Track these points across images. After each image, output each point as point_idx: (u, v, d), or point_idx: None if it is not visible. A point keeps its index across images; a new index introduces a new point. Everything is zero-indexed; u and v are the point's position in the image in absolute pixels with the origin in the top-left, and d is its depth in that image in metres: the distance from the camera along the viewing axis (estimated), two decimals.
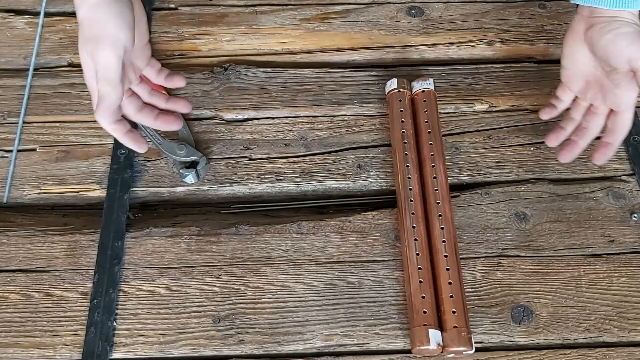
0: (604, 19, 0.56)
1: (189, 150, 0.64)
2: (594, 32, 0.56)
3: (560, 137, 0.63)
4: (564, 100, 0.63)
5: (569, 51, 0.60)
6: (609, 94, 0.58)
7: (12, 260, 0.60)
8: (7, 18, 0.76)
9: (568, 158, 0.62)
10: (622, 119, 0.58)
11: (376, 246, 0.60)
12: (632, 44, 0.54)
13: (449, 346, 0.53)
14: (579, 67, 0.59)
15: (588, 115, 0.61)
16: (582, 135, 0.61)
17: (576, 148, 0.61)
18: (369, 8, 0.76)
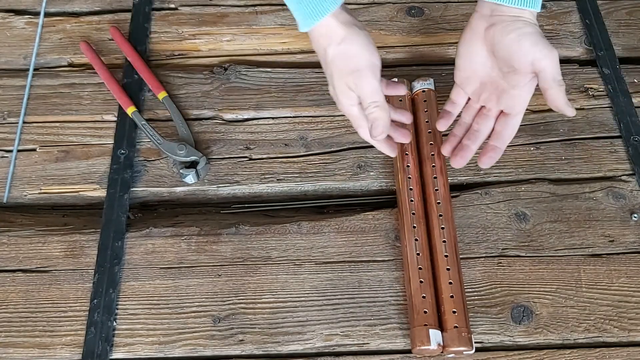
0: (505, 17, 0.54)
1: (189, 150, 0.64)
2: (496, 31, 0.54)
3: (453, 143, 0.61)
4: (458, 104, 0.61)
5: (465, 50, 0.57)
6: (504, 95, 0.56)
7: (12, 260, 0.60)
8: (7, 18, 0.76)
9: (462, 162, 0.60)
10: (512, 122, 0.57)
11: (376, 246, 0.60)
12: (535, 45, 0.52)
13: (449, 346, 0.53)
14: (474, 68, 0.57)
15: (479, 117, 0.59)
16: (473, 138, 0.59)
17: (468, 152, 0.59)
18: (369, 8, 0.76)
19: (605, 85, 0.71)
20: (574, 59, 0.74)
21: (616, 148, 0.66)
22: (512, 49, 0.53)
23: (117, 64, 0.72)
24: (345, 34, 0.53)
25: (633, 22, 0.77)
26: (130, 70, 0.70)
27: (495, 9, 0.54)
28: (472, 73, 0.58)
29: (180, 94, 0.70)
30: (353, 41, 0.53)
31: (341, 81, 0.55)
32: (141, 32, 0.74)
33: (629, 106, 0.69)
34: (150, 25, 0.75)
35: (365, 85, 0.54)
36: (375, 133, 0.55)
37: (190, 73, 0.71)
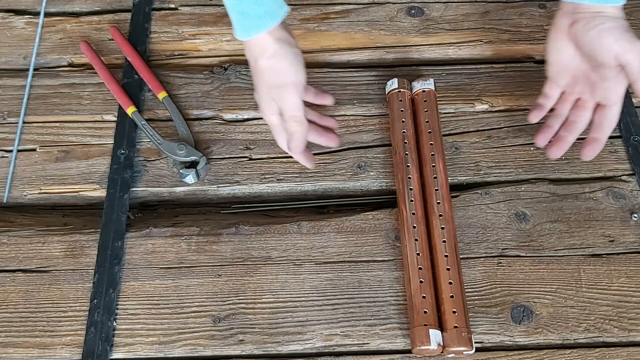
0: (587, 14, 0.55)
1: (189, 150, 0.64)
2: (578, 29, 0.56)
3: (549, 135, 0.63)
4: (552, 97, 0.63)
5: (554, 47, 0.59)
6: (598, 88, 0.58)
7: (12, 260, 0.60)
8: (7, 18, 0.76)
9: (558, 153, 0.62)
10: (610, 113, 0.58)
11: (376, 246, 0.60)
12: (618, 40, 0.54)
13: (449, 346, 0.53)
14: (565, 63, 0.59)
15: (575, 109, 0.61)
16: (571, 129, 0.61)
17: (565, 143, 0.61)
18: (369, 8, 0.76)
19: None
20: None
21: (616, 148, 0.66)
22: (594, 46, 0.55)
23: (117, 64, 0.72)
24: (276, 49, 0.55)
25: (633, 22, 0.77)
26: (130, 70, 0.70)
27: (577, 6, 0.56)
28: (563, 68, 0.60)
29: (180, 94, 0.70)
30: (282, 58, 0.56)
31: (266, 91, 0.58)
32: (141, 32, 0.74)
33: (629, 106, 0.69)
34: (150, 25, 0.75)
35: (287, 100, 0.57)
36: (292, 146, 0.59)
37: (190, 73, 0.71)
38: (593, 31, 0.55)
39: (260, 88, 0.59)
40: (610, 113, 0.58)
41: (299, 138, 0.59)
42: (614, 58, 0.54)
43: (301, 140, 0.59)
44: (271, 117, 0.59)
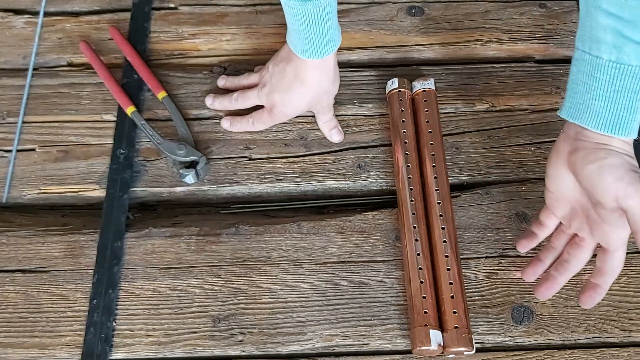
0: (589, 144, 0.48)
1: (189, 150, 0.64)
2: (577, 159, 0.48)
3: (539, 271, 0.56)
4: (547, 227, 0.56)
5: (553, 173, 0.52)
6: (597, 228, 0.50)
7: (12, 261, 0.60)
8: (7, 18, 0.76)
9: (546, 295, 0.54)
10: (614, 259, 0.50)
11: (376, 246, 0.60)
12: (619, 180, 0.45)
13: (449, 347, 0.53)
14: (563, 191, 0.52)
15: (571, 247, 0.53)
16: (562, 270, 0.54)
17: (555, 284, 0.54)
18: (369, 8, 0.76)
19: None
20: None
21: None
22: (593, 182, 0.47)
23: (116, 64, 0.72)
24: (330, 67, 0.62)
25: None
26: (130, 70, 0.70)
27: (580, 133, 0.48)
28: (561, 196, 0.52)
29: (179, 93, 0.69)
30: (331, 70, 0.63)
31: (302, 97, 0.63)
32: (141, 32, 0.74)
33: None
34: (150, 25, 0.75)
35: (323, 103, 0.65)
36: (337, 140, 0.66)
37: (190, 73, 0.71)
38: (592, 165, 0.47)
39: (298, 91, 0.63)
40: (614, 259, 0.50)
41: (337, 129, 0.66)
42: (614, 200, 0.46)
43: (339, 130, 0.66)
44: (287, 118, 0.66)
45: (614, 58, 0.45)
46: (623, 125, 0.46)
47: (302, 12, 0.54)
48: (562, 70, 0.71)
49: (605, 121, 0.46)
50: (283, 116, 0.66)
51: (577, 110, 0.48)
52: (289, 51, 0.61)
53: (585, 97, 0.47)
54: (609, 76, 0.46)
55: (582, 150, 0.48)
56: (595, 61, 0.46)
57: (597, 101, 0.47)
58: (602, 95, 0.46)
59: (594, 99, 0.47)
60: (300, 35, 0.57)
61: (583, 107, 0.48)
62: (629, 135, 0.47)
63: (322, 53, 0.59)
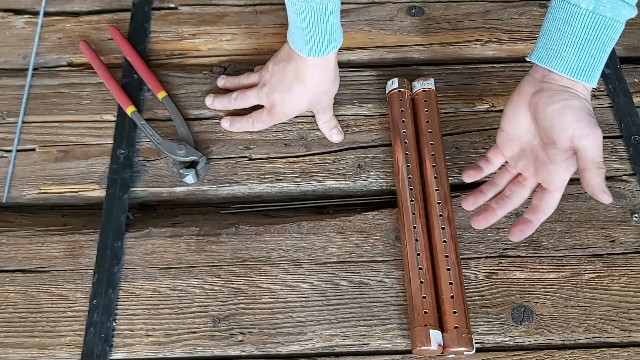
0: (555, 86, 0.51)
1: (189, 150, 0.64)
2: (541, 98, 0.51)
3: (479, 201, 0.57)
4: (493, 164, 0.58)
5: (510, 112, 0.54)
6: (542, 168, 0.53)
7: (12, 261, 0.60)
8: (7, 18, 0.76)
9: (482, 224, 0.56)
10: (551, 198, 0.53)
11: (376, 246, 0.60)
12: (579, 121, 0.49)
13: (449, 347, 0.53)
14: (517, 132, 0.54)
15: (513, 184, 0.56)
16: (502, 204, 0.55)
17: (493, 216, 0.55)
18: (369, 8, 0.76)
19: (606, 85, 0.70)
20: None
21: (617, 148, 0.66)
22: (553, 120, 0.50)
23: (116, 64, 0.72)
24: (331, 66, 0.62)
25: (633, 21, 0.76)
26: (130, 70, 0.70)
27: (547, 75, 0.52)
28: (513, 137, 0.55)
29: (179, 93, 0.69)
30: (331, 69, 0.63)
31: (303, 96, 0.63)
32: (141, 32, 0.74)
33: (630, 106, 0.69)
34: (150, 25, 0.75)
35: (323, 102, 0.65)
36: (336, 139, 0.66)
37: (189, 73, 0.71)
38: (556, 105, 0.50)
39: (298, 91, 0.63)
40: (551, 198, 0.53)
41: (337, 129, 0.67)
42: (569, 139, 0.49)
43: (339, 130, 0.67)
44: (287, 117, 0.67)
45: (591, 8, 0.48)
46: (589, 72, 0.50)
47: (305, 10, 0.55)
48: None
49: (573, 67, 0.50)
50: (283, 116, 0.66)
51: (547, 55, 0.51)
52: (289, 50, 0.61)
53: (557, 43, 0.50)
54: (583, 24, 0.49)
55: (547, 91, 0.51)
56: (572, 9, 0.49)
57: (569, 47, 0.50)
58: (573, 42, 0.50)
59: (565, 45, 0.50)
60: (301, 33, 0.57)
61: (553, 53, 0.51)
62: (592, 83, 0.50)
63: (322, 52, 0.59)
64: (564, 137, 0.49)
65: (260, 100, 0.66)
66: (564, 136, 0.49)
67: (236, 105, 0.67)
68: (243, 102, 0.67)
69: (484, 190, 0.57)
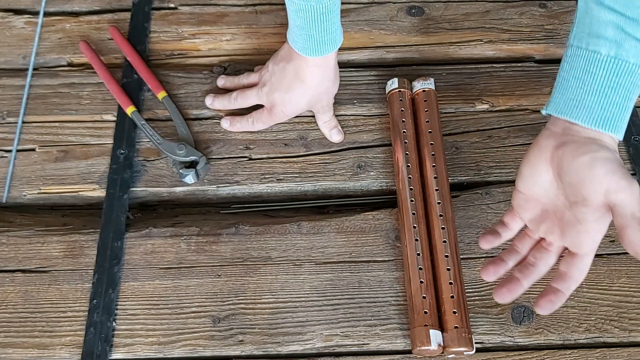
0: (580, 138, 0.46)
1: (189, 150, 0.64)
2: (565, 152, 0.45)
3: (500, 271, 0.50)
4: (511, 229, 0.52)
5: (528, 171, 0.49)
6: (570, 230, 0.47)
7: (11, 261, 0.60)
8: (7, 17, 0.76)
9: (507, 298, 0.49)
10: (581, 264, 0.47)
11: (376, 246, 0.60)
12: (612, 173, 0.43)
13: (449, 347, 0.53)
14: (537, 192, 0.49)
15: (537, 251, 0.50)
16: (527, 273, 0.49)
17: (518, 287, 0.49)
18: (369, 7, 0.76)
19: None
20: None
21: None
22: (582, 175, 0.44)
23: (116, 64, 0.72)
24: (331, 65, 0.62)
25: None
26: (130, 70, 0.70)
27: (569, 128, 0.46)
28: (533, 197, 0.49)
29: (179, 93, 0.69)
30: (331, 69, 0.63)
31: (303, 95, 0.64)
32: (141, 32, 0.74)
33: None
34: (150, 25, 0.75)
35: (323, 102, 0.65)
36: (336, 139, 0.66)
37: (189, 73, 0.71)
38: (584, 157, 0.44)
39: (298, 91, 0.63)
40: (582, 263, 0.47)
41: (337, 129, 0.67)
42: (602, 194, 0.43)
43: (339, 129, 0.67)
44: (287, 117, 0.67)
45: (612, 53, 0.45)
46: (615, 122, 0.46)
47: (306, 9, 0.55)
48: None
49: (597, 117, 0.45)
50: (283, 115, 0.66)
51: (567, 106, 0.47)
52: (289, 50, 0.61)
53: (578, 93, 0.46)
54: (605, 71, 0.45)
55: (572, 144, 0.46)
56: (592, 56, 0.46)
57: (591, 96, 0.46)
58: (596, 91, 0.46)
59: (587, 94, 0.46)
60: (301, 32, 0.57)
61: (574, 103, 0.46)
62: (618, 133, 0.46)
63: (322, 51, 0.59)
64: (597, 192, 0.44)
65: (260, 100, 0.66)
66: (596, 191, 0.44)
67: (236, 105, 0.67)
68: (243, 102, 0.66)
69: (504, 258, 0.51)
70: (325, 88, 0.64)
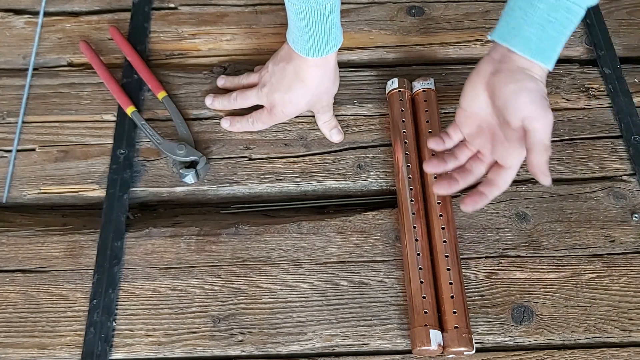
0: (512, 66, 0.51)
1: (189, 150, 0.64)
2: (498, 79, 0.52)
3: (439, 168, 0.58)
4: (452, 139, 0.58)
5: (469, 91, 0.55)
6: (499, 147, 0.54)
7: (12, 261, 0.60)
8: (7, 18, 0.76)
9: (445, 191, 0.57)
10: (506, 174, 0.54)
11: (376, 246, 0.60)
12: (532, 103, 0.49)
13: (449, 347, 0.53)
14: (475, 110, 0.55)
15: (473, 159, 0.57)
16: (463, 175, 0.57)
17: (454, 184, 0.56)
18: (369, 8, 0.76)
19: (606, 84, 0.70)
20: (575, 59, 0.74)
21: (617, 148, 0.66)
22: (508, 101, 0.51)
23: (116, 64, 0.72)
24: (331, 66, 0.62)
25: (634, 21, 0.77)
26: (130, 70, 0.70)
27: (505, 55, 0.52)
28: (472, 115, 0.56)
29: (179, 93, 0.69)
30: (332, 70, 0.63)
31: (303, 95, 0.63)
32: (141, 32, 0.74)
33: (630, 106, 0.69)
34: (150, 25, 0.75)
35: (323, 102, 0.65)
36: (336, 139, 0.66)
37: (189, 73, 0.71)
38: (511, 85, 0.50)
39: (298, 91, 0.63)
40: (506, 174, 0.54)
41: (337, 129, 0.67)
42: (520, 120, 0.50)
43: (339, 130, 0.67)
44: (287, 117, 0.67)
45: None
46: (547, 53, 0.51)
47: (306, 10, 0.55)
48: (562, 70, 0.71)
49: (532, 47, 0.50)
50: (283, 116, 0.66)
51: (509, 34, 0.51)
52: (289, 50, 0.61)
53: (519, 22, 0.51)
54: (546, 5, 0.49)
55: (505, 72, 0.51)
56: None
57: (530, 27, 0.50)
58: (535, 22, 0.50)
59: (527, 25, 0.50)
60: (302, 33, 0.57)
61: (515, 31, 0.51)
62: (549, 65, 0.51)
63: (323, 52, 0.59)
64: (516, 118, 0.50)
65: (260, 101, 0.66)
66: (516, 116, 0.50)
67: (236, 105, 0.67)
68: (243, 102, 0.66)
69: (445, 158, 0.58)
70: (325, 88, 0.63)
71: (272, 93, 0.64)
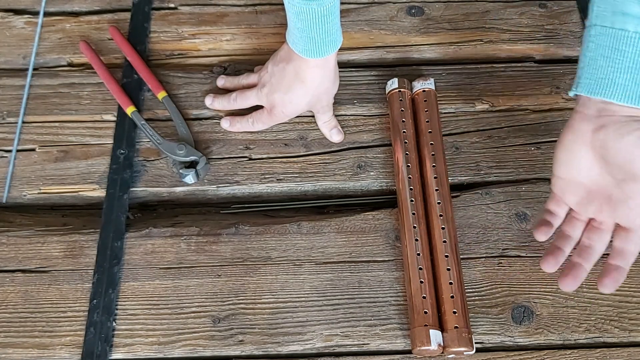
0: (619, 118, 0.47)
1: (189, 150, 0.64)
2: (608, 135, 0.47)
3: (560, 259, 0.53)
4: (558, 216, 0.54)
5: (566, 157, 0.50)
6: (621, 207, 0.49)
7: (12, 261, 0.60)
8: (7, 18, 0.76)
9: (573, 285, 0.51)
10: (636, 236, 0.49)
11: (376, 246, 0.60)
12: None
13: (449, 347, 0.53)
14: (578, 176, 0.50)
15: (590, 231, 0.52)
16: (586, 256, 0.51)
17: (582, 272, 0.51)
18: (369, 8, 0.76)
19: None
20: (575, 59, 0.74)
21: None
22: (631, 154, 0.46)
23: (116, 64, 0.72)
24: (331, 66, 0.62)
25: None
26: (130, 70, 0.70)
27: (604, 109, 0.48)
28: (575, 182, 0.51)
29: (179, 93, 0.69)
30: (332, 70, 0.63)
31: (303, 96, 0.63)
32: (141, 32, 0.74)
33: None
34: (150, 25, 0.75)
35: (323, 102, 0.65)
36: (337, 139, 0.66)
37: (189, 73, 0.71)
38: (630, 137, 0.46)
39: (298, 91, 0.63)
40: (637, 237, 0.49)
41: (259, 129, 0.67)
42: None
43: (339, 129, 0.67)
44: (287, 117, 0.66)
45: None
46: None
47: (306, 11, 0.55)
48: (562, 70, 0.71)
49: (632, 93, 0.46)
50: (283, 116, 0.66)
51: (600, 86, 0.47)
52: (288, 51, 0.61)
53: (608, 71, 0.47)
54: (635, 48, 0.46)
55: (612, 125, 0.47)
56: (620, 34, 0.46)
57: (623, 74, 0.46)
58: (628, 68, 0.46)
59: (618, 72, 0.46)
60: (302, 34, 0.57)
61: (606, 82, 0.47)
62: None
63: (323, 52, 0.59)
64: None
65: (260, 101, 0.66)
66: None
67: (236, 105, 0.67)
68: (243, 103, 0.67)
69: (560, 246, 0.52)
70: (325, 88, 0.64)
71: (272, 93, 0.64)
